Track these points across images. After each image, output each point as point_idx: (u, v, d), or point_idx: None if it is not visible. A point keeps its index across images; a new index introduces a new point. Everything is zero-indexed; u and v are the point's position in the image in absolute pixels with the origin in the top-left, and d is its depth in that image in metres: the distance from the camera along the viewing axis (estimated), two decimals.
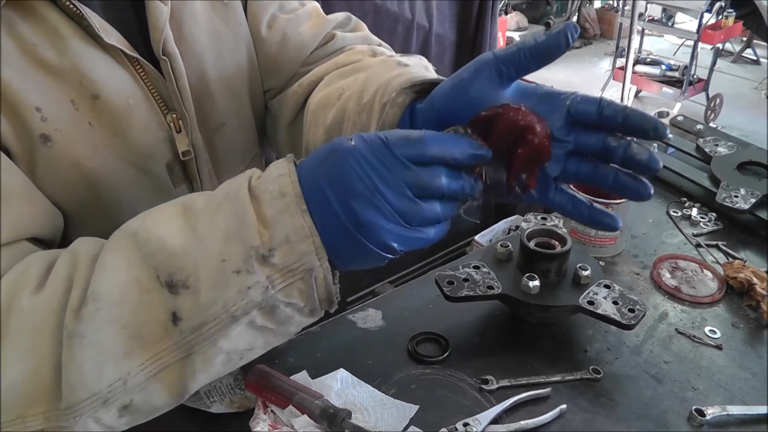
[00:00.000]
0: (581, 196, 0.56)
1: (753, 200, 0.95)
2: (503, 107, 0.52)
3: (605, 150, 0.53)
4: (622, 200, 0.86)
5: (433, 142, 0.48)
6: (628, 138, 0.52)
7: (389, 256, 0.49)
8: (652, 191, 0.53)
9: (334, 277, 0.50)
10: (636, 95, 4.51)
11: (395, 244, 0.48)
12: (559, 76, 4.71)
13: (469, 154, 0.50)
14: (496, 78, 0.53)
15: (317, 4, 0.84)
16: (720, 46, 4.43)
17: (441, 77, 0.60)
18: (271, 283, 0.47)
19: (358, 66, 0.73)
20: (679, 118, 1.25)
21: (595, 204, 0.55)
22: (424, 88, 0.60)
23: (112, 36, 0.61)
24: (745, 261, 0.90)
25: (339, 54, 0.79)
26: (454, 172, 0.50)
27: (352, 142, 0.47)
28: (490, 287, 0.76)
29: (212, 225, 0.48)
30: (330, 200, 0.47)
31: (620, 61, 4.24)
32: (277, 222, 0.47)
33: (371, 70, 0.68)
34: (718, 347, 0.76)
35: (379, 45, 0.82)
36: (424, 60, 0.72)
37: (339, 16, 0.83)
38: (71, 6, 0.57)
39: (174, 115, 0.67)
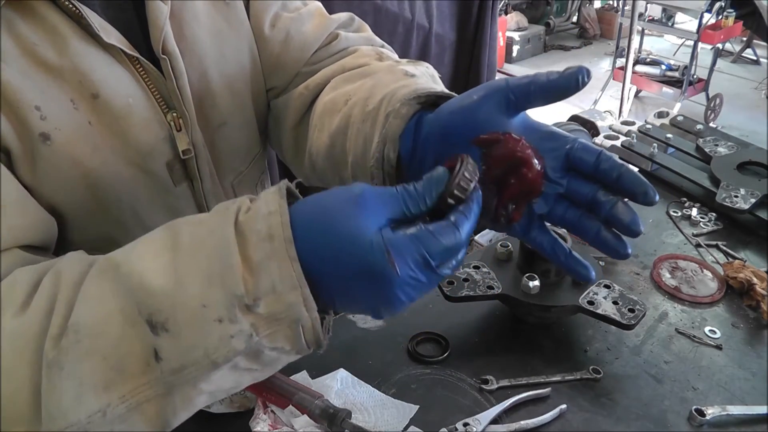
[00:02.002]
0: (562, 242, 0.57)
1: (753, 200, 0.95)
2: (505, 135, 0.53)
3: (593, 202, 0.54)
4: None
5: (464, 229, 0.47)
6: (618, 197, 0.53)
7: None
8: (630, 252, 0.54)
9: (326, 320, 0.49)
10: (636, 95, 4.51)
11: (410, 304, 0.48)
12: None
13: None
14: (504, 105, 0.54)
15: (320, 4, 0.84)
16: (720, 46, 4.43)
17: (447, 91, 0.61)
18: (255, 331, 0.45)
19: (366, 71, 0.72)
20: (679, 118, 1.25)
21: (573, 252, 0.57)
22: (429, 100, 0.60)
23: (111, 35, 0.61)
24: (745, 261, 0.90)
25: (343, 54, 0.79)
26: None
27: (394, 264, 0.44)
28: (490, 287, 0.76)
29: (194, 264, 0.46)
30: (362, 306, 0.47)
31: (620, 61, 4.24)
32: (263, 268, 0.44)
33: (377, 78, 0.67)
34: (718, 347, 0.76)
35: (383, 46, 0.82)
36: (431, 69, 0.72)
37: (342, 16, 0.83)
38: (70, 6, 0.57)
39: (174, 114, 0.67)
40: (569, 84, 0.52)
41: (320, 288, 0.46)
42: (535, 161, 0.53)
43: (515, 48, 5.38)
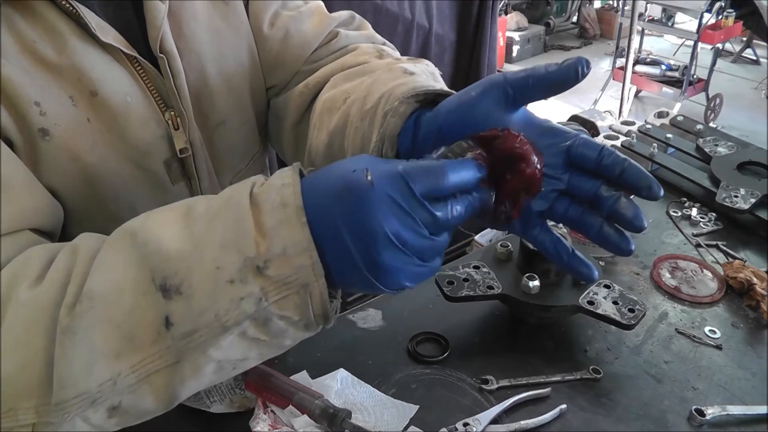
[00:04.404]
0: (566, 241, 0.56)
1: (753, 200, 0.95)
2: (503, 131, 0.52)
3: (596, 198, 0.53)
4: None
5: (452, 173, 0.47)
6: (620, 192, 0.53)
7: (396, 292, 0.48)
8: (633, 248, 0.54)
9: (335, 293, 0.49)
10: (636, 95, 4.51)
11: (408, 283, 0.47)
12: None
13: (478, 178, 0.50)
14: (503, 100, 0.53)
15: (320, 3, 0.84)
16: (720, 46, 4.43)
17: (446, 88, 0.60)
18: (265, 296, 0.46)
19: (365, 68, 0.72)
20: (679, 118, 1.25)
21: (576, 252, 0.56)
22: (428, 98, 0.60)
23: (109, 35, 0.61)
24: (745, 261, 0.90)
25: (344, 52, 0.79)
26: (466, 199, 0.49)
27: (370, 179, 0.44)
28: (490, 287, 0.75)
29: (209, 230, 0.47)
30: (345, 240, 0.45)
31: (620, 61, 4.24)
32: (276, 233, 0.46)
33: (376, 75, 0.67)
34: (718, 347, 0.76)
35: (384, 44, 0.82)
36: (431, 66, 0.71)
37: (343, 14, 0.83)
38: (68, 5, 0.58)
39: (172, 113, 0.67)
40: (568, 75, 0.51)
41: (324, 252, 0.46)
42: (534, 157, 0.52)
43: (515, 48, 5.38)
